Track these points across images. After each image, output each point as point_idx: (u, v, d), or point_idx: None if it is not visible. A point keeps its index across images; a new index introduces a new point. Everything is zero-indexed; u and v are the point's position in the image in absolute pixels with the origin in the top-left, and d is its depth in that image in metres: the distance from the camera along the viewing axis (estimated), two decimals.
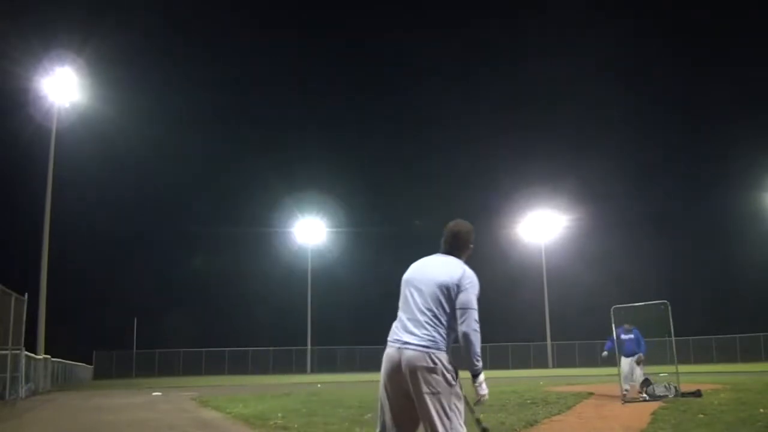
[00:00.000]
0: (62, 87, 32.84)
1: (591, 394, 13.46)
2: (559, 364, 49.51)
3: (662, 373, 12.94)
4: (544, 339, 52.42)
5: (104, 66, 40.15)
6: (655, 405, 10.41)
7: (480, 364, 3.36)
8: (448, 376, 3.28)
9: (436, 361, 3.26)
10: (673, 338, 12.52)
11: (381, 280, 59.86)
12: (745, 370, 26.55)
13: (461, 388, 3.38)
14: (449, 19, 79.48)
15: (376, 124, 73.70)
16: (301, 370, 51.77)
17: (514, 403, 11.72)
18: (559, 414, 9.71)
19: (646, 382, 12.25)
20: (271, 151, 67.55)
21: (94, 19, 51.74)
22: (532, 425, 8.40)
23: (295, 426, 8.81)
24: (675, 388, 11.76)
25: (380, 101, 72.98)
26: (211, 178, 66.79)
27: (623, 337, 12.56)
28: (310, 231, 54.71)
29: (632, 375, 12.31)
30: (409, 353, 3.28)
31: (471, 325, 3.31)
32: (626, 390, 12.01)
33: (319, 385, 23.83)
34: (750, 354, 43.93)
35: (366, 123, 72.99)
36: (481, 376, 3.38)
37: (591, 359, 45.96)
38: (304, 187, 57.76)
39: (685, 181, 62.44)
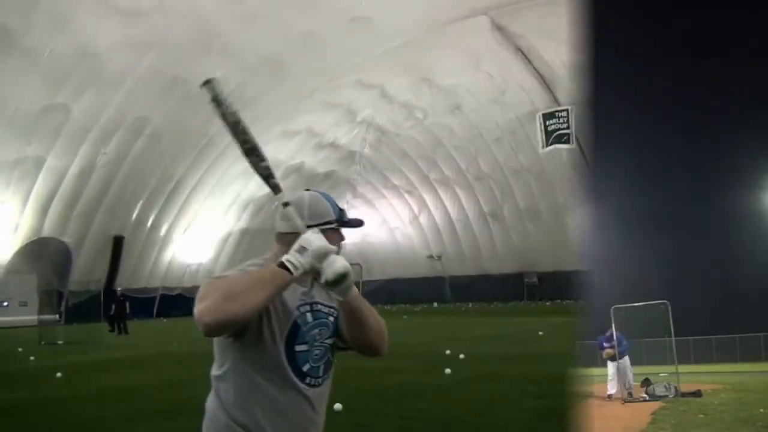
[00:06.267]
0: None
1: (591, 394, 13.40)
2: None
3: (662, 373, 12.91)
4: None
5: None
6: (655, 405, 10.38)
7: None
8: None
9: None
10: (673, 338, 12.46)
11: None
12: (745, 370, 26.46)
13: None
14: None
15: None
16: None
17: None
18: None
19: (646, 382, 12.20)
20: None
21: None
22: None
23: None
24: (675, 388, 11.70)
25: None
26: None
27: (605, 344, 12.42)
28: None
29: (626, 375, 12.21)
30: None
31: None
32: (629, 392, 11.93)
33: None
34: (750, 354, 43.86)
35: None
36: None
37: (591, 359, 45.85)
38: None
39: (685, 181, 62.15)
